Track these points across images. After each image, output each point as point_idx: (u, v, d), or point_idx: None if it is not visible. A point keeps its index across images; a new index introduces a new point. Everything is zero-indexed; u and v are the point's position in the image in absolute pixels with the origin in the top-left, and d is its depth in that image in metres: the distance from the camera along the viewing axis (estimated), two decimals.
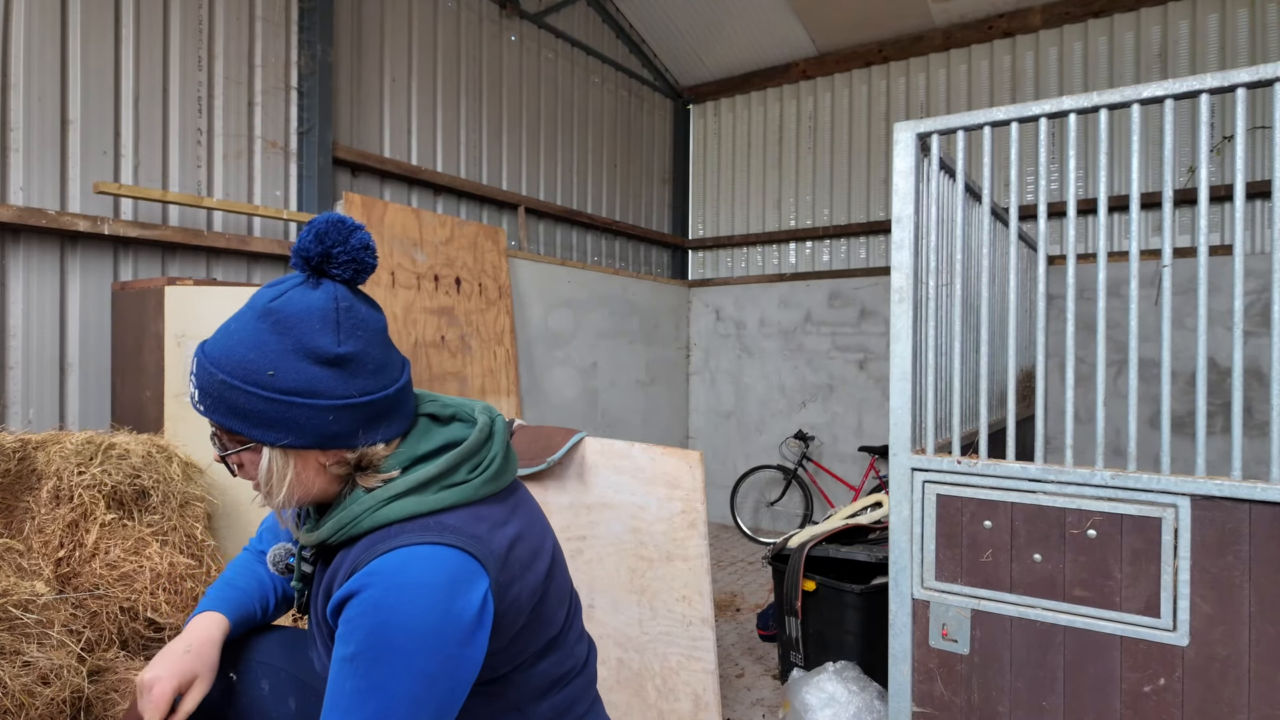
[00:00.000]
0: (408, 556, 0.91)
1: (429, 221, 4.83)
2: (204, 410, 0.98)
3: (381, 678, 0.87)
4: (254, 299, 0.97)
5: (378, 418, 0.96)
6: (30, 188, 3.26)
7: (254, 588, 1.24)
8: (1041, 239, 2.12)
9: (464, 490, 0.98)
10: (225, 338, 0.97)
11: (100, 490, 2.50)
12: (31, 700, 1.83)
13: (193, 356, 0.97)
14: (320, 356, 0.93)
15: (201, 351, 0.97)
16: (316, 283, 0.97)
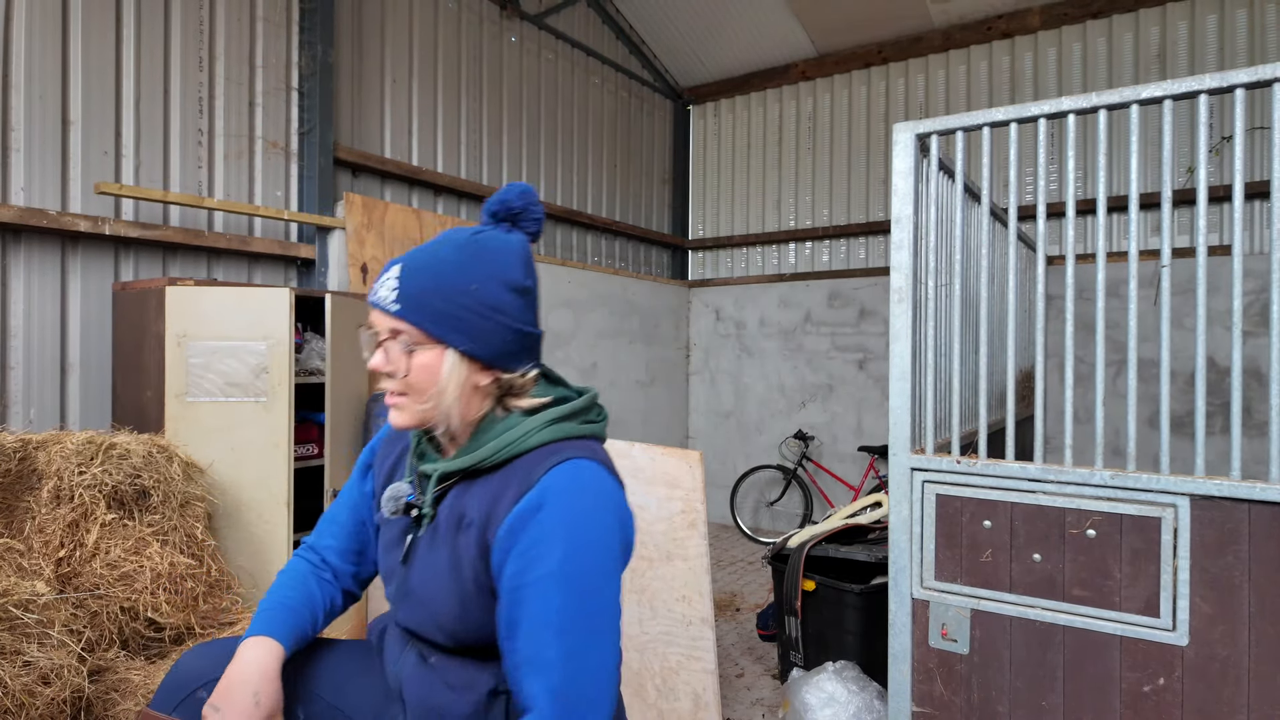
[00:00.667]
0: (578, 469, 0.99)
1: (430, 222, 4.83)
2: (399, 310, 1.03)
3: (586, 588, 0.92)
4: (451, 235, 1.09)
5: (533, 349, 1.10)
6: (31, 188, 3.26)
7: (306, 607, 1.19)
8: (1040, 239, 2.12)
9: (598, 428, 1.12)
10: (428, 256, 1.06)
11: (101, 490, 2.50)
12: (32, 700, 1.83)
13: (389, 267, 1.07)
14: (513, 285, 1.05)
15: (404, 262, 1.06)
16: (510, 229, 1.11)
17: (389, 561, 1.17)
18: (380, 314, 1.05)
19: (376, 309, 1.05)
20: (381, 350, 1.05)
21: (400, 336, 1.04)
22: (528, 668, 0.93)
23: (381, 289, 1.05)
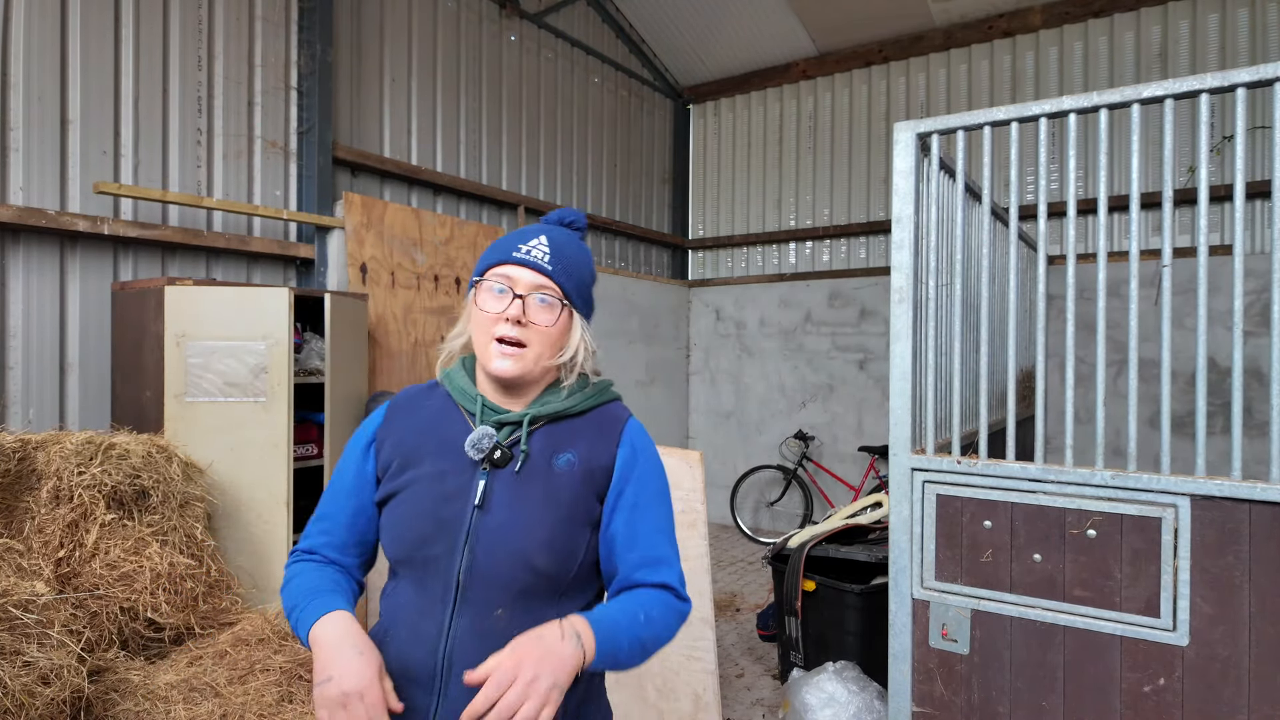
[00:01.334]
0: (640, 424, 1.30)
1: (429, 221, 4.83)
2: (551, 271, 1.19)
3: (669, 504, 1.26)
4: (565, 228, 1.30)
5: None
6: (30, 188, 3.26)
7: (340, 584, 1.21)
8: (1041, 239, 2.12)
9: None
10: (563, 236, 1.25)
11: (100, 490, 2.50)
12: (31, 700, 1.83)
13: (531, 234, 1.22)
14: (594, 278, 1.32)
15: (547, 234, 1.23)
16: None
17: (447, 513, 1.14)
18: (529, 270, 1.18)
19: (525, 265, 1.18)
20: (518, 301, 1.16)
21: (542, 292, 1.18)
22: (653, 565, 1.18)
23: (532, 250, 1.19)
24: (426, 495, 1.16)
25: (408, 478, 1.18)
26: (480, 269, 1.22)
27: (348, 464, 1.25)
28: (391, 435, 1.23)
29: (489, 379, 1.21)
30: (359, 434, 1.27)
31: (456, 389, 1.23)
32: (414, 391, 1.30)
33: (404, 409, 1.26)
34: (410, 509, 1.16)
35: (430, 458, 1.19)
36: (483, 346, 1.17)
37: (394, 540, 1.17)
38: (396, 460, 1.20)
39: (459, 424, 1.21)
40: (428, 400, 1.27)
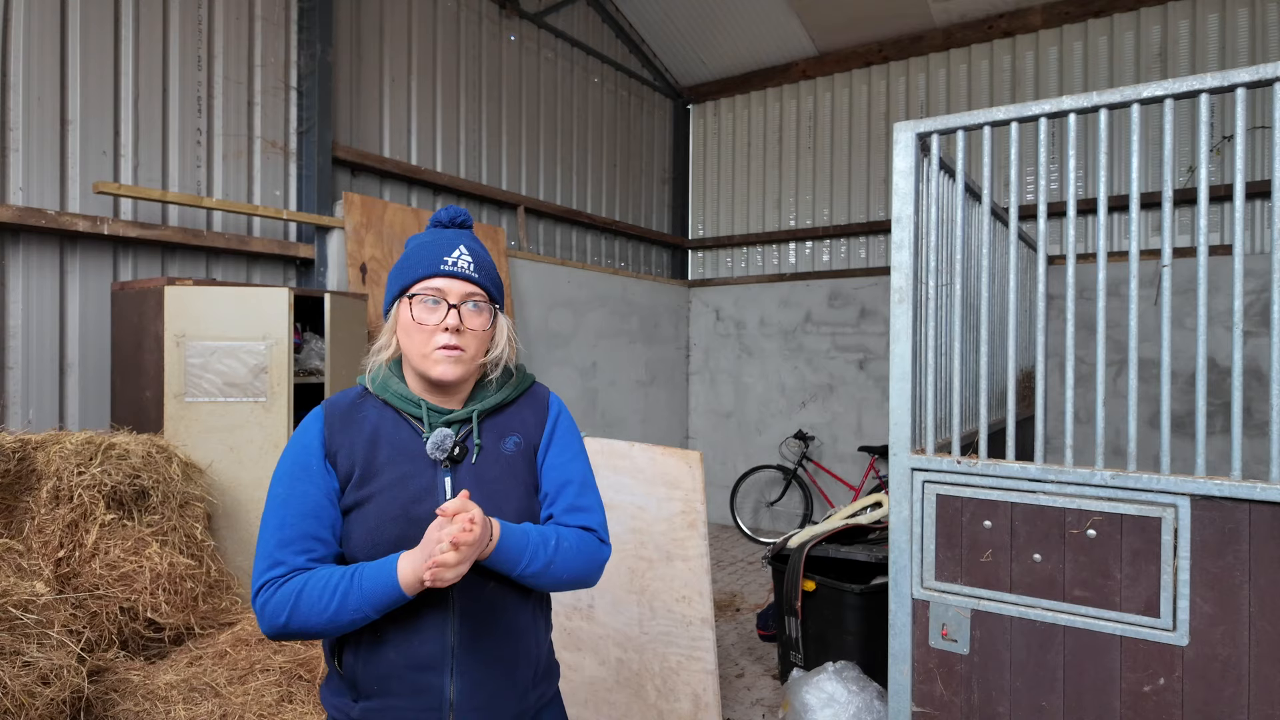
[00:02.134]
0: (557, 396, 1.47)
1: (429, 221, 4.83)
2: (478, 277, 1.29)
3: (587, 461, 1.42)
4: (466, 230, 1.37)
5: None
6: (30, 188, 3.26)
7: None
8: (1041, 239, 2.12)
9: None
10: (470, 240, 1.33)
11: (100, 490, 2.50)
12: (31, 700, 1.83)
13: (458, 239, 1.30)
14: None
15: (462, 242, 1.31)
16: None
17: (419, 512, 1.22)
18: (459, 280, 1.27)
19: (454, 276, 1.26)
20: (454, 311, 1.25)
21: (473, 300, 1.27)
22: (580, 513, 1.34)
23: (459, 261, 1.27)
24: (393, 500, 1.22)
25: (371, 488, 1.23)
26: (405, 282, 1.28)
27: (306, 483, 1.22)
28: (342, 447, 1.25)
29: (424, 383, 1.29)
30: (302, 452, 1.25)
31: (396, 396, 1.29)
32: (343, 403, 1.30)
33: (342, 421, 1.28)
34: (379, 515, 1.22)
35: (388, 465, 1.24)
36: (421, 355, 1.24)
37: (365, 546, 1.21)
38: (356, 471, 1.24)
39: (405, 429, 1.28)
40: (362, 410, 1.29)
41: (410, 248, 1.33)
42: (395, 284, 1.31)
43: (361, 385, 1.34)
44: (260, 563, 1.20)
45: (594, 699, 3.06)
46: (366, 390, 1.32)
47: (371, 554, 1.20)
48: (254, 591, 1.19)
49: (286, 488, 1.23)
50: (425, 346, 1.24)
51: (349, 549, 1.23)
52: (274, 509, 1.22)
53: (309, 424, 1.28)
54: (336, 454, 1.25)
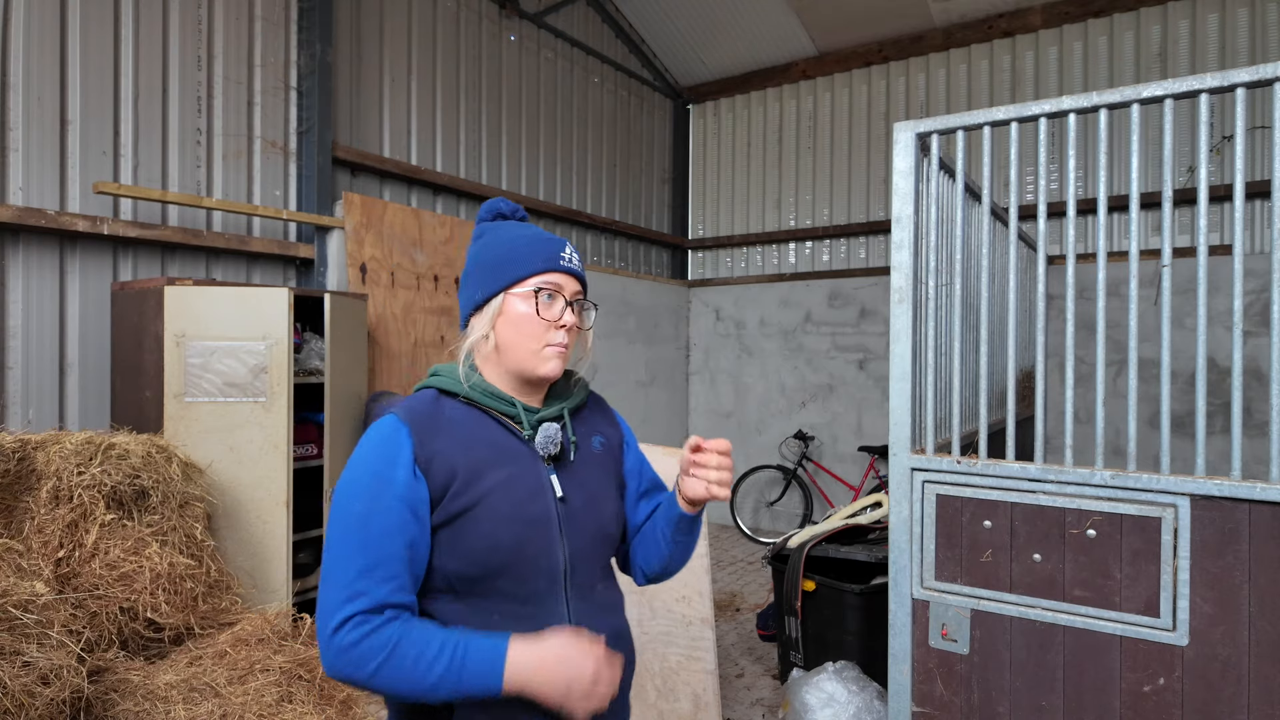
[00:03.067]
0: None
1: (429, 221, 4.83)
2: (583, 276, 1.30)
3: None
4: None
5: None
6: (30, 188, 3.25)
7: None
8: (1041, 239, 2.12)
9: None
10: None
11: (100, 490, 2.50)
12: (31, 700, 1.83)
13: (558, 242, 1.28)
14: None
15: (565, 241, 1.30)
16: None
17: (534, 512, 1.18)
18: (573, 278, 1.26)
19: (570, 274, 1.26)
20: (569, 309, 1.24)
21: (580, 298, 1.28)
22: (661, 490, 1.45)
23: (571, 259, 1.27)
24: (505, 502, 1.15)
25: (478, 490, 1.14)
26: (521, 274, 1.22)
27: (390, 497, 1.09)
28: (435, 455, 1.14)
29: (513, 381, 1.24)
30: (384, 462, 1.12)
31: (486, 394, 1.22)
32: (421, 408, 1.20)
33: (428, 427, 1.16)
34: (493, 518, 1.14)
35: (491, 467, 1.17)
36: (532, 351, 1.21)
37: (478, 554, 1.12)
38: (456, 478, 1.14)
39: (495, 428, 1.22)
40: (445, 412, 1.20)
41: (509, 240, 1.26)
42: (502, 275, 1.23)
43: (430, 389, 1.24)
44: (336, 591, 1.05)
45: None
46: (440, 393, 1.23)
47: (487, 560, 1.12)
48: (331, 626, 1.03)
49: (366, 504, 1.08)
50: (538, 342, 1.20)
51: (453, 562, 1.12)
52: (351, 528, 1.08)
53: (390, 433, 1.14)
54: (431, 461, 1.13)
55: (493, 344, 1.23)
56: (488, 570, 1.13)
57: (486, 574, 1.14)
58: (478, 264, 1.26)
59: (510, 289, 1.22)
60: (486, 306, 1.23)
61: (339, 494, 1.12)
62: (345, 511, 1.09)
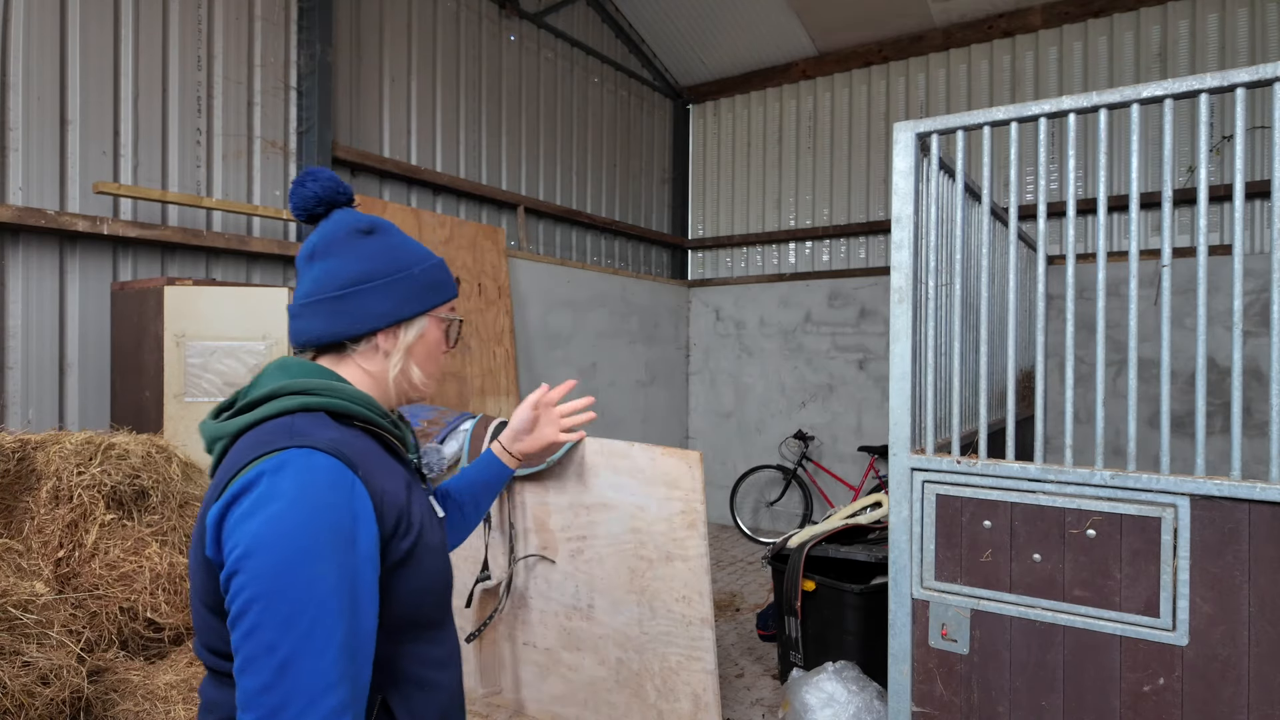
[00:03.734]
0: None
1: (428, 221, 4.83)
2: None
3: None
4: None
5: None
6: (29, 188, 3.25)
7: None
8: (1041, 239, 2.12)
9: None
10: None
11: (100, 490, 2.50)
12: (31, 700, 1.83)
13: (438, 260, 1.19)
14: None
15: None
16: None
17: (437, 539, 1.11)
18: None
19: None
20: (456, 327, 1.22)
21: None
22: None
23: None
24: (429, 535, 1.07)
25: (415, 530, 1.03)
26: (442, 299, 1.16)
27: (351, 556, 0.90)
28: (383, 498, 0.99)
29: (389, 402, 1.16)
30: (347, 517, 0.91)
31: (386, 419, 1.08)
32: (344, 440, 0.99)
33: (363, 461, 0.99)
34: (429, 554, 1.05)
35: (411, 499, 1.06)
36: (434, 375, 1.18)
37: (424, 593, 1.04)
38: (400, 519, 1.01)
39: (390, 454, 1.09)
40: (355, 443, 1.02)
41: (423, 254, 1.15)
42: (432, 294, 1.13)
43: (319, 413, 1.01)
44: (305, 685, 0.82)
45: (594, 699, 3.06)
46: (337, 417, 1.03)
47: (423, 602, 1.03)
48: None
49: (333, 568, 0.87)
50: (438, 368, 1.19)
51: (399, 606, 1.00)
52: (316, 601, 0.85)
53: (331, 478, 0.92)
54: (380, 504, 0.98)
55: (406, 367, 1.11)
56: (424, 608, 1.05)
57: (422, 611, 1.05)
58: (398, 271, 1.10)
59: (433, 312, 1.14)
60: (409, 325, 1.11)
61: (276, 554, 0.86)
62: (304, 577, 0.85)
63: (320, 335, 1.07)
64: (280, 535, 0.86)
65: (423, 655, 1.06)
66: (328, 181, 1.10)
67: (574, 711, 3.12)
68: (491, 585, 3.13)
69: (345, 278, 1.06)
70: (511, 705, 3.30)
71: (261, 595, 0.84)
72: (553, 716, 3.20)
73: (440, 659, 1.10)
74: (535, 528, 3.16)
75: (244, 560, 0.85)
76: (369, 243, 1.09)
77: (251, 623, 0.84)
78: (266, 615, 0.83)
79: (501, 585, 3.14)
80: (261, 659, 0.82)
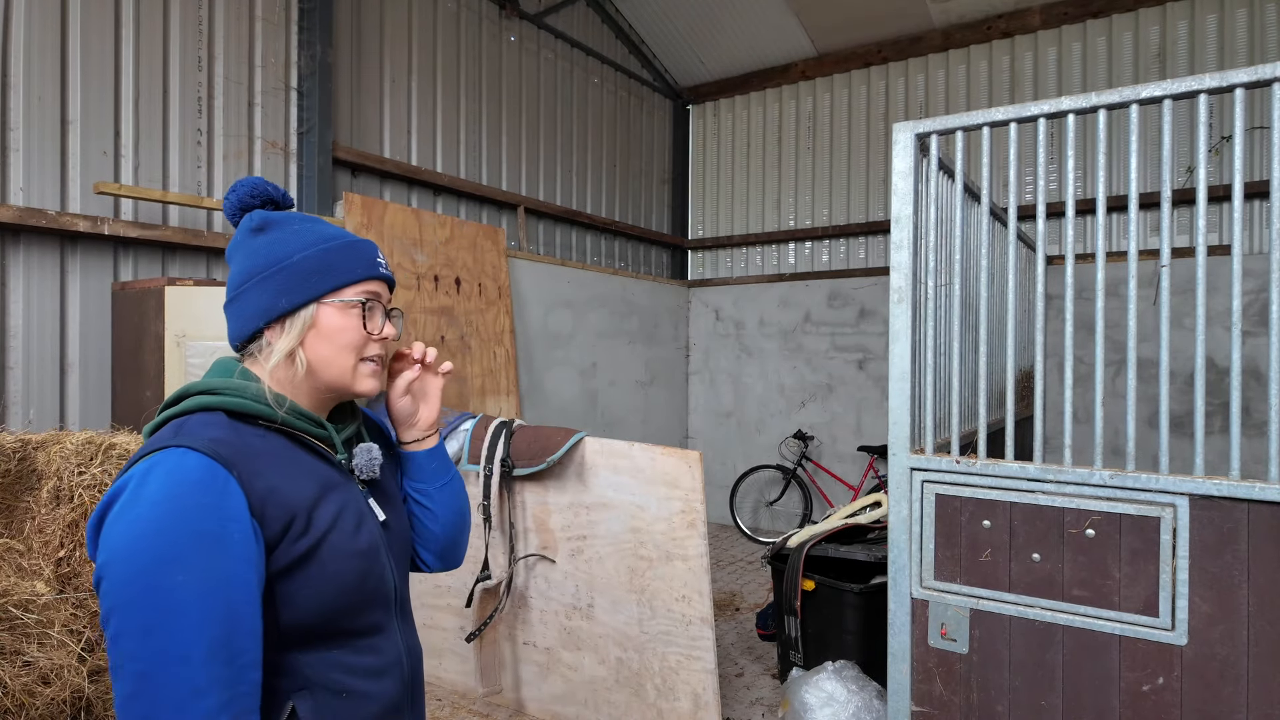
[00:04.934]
0: None
1: (429, 222, 4.83)
2: (393, 286, 1.19)
3: None
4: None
5: None
6: (30, 188, 3.26)
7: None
8: (1040, 239, 2.12)
9: None
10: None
11: (101, 490, 2.50)
12: (32, 700, 1.84)
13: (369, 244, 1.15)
14: None
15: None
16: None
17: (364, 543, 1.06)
18: (388, 286, 1.16)
19: (388, 281, 1.15)
20: (390, 320, 1.15)
21: (394, 308, 1.17)
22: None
23: (386, 264, 1.15)
24: (342, 537, 1.03)
25: (317, 532, 1.00)
26: (338, 282, 1.07)
27: (226, 560, 0.88)
28: (271, 494, 0.97)
29: (319, 399, 1.10)
30: (215, 520, 0.89)
31: (301, 417, 1.06)
32: (230, 439, 0.97)
33: (247, 461, 0.96)
34: (336, 560, 1.01)
35: (322, 501, 1.03)
36: (348, 368, 1.07)
37: (326, 600, 1.00)
38: (294, 521, 0.98)
39: (305, 454, 1.06)
40: (254, 442, 1.00)
41: (315, 240, 1.08)
42: (316, 281, 1.06)
43: (216, 412, 1.01)
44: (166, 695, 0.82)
45: (594, 698, 3.06)
46: (234, 415, 1.01)
47: (335, 604, 1.01)
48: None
49: (195, 574, 0.85)
50: (352, 358, 1.07)
51: (296, 614, 0.98)
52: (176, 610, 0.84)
53: (198, 478, 0.90)
54: (263, 505, 0.95)
55: (302, 361, 1.06)
56: (335, 613, 1.01)
57: (333, 618, 1.01)
58: (274, 264, 1.05)
59: (324, 299, 1.06)
60: (293, 317, 1.05)
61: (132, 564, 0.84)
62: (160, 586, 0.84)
63: (231, 338, 1.09)
64: (139, 541, 0.84)
65: (345, 663, 1.04)
66: (245, 188, 1.10)
67: (574, 710, 3.12)
68: (492, 585, 3.14)
69: (235, 279, 1.08)
70: (512, 704, 3.30)
71: (121, 604, 0.83)
72: (553, 715, 3.20)
73: (370, 668, 1.06)
74: (535, 527, 3.16)
75: (106, 567, 0.85)
76: (256, 241, 1.08)
77: (114, 630, 0.84)
78: (126, 623, 0.83)
79: (502, 585, 3.15)
80: (125, 666, 0.83)
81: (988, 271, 2.36)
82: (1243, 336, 1.85)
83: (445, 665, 3.43)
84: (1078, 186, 5.61)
